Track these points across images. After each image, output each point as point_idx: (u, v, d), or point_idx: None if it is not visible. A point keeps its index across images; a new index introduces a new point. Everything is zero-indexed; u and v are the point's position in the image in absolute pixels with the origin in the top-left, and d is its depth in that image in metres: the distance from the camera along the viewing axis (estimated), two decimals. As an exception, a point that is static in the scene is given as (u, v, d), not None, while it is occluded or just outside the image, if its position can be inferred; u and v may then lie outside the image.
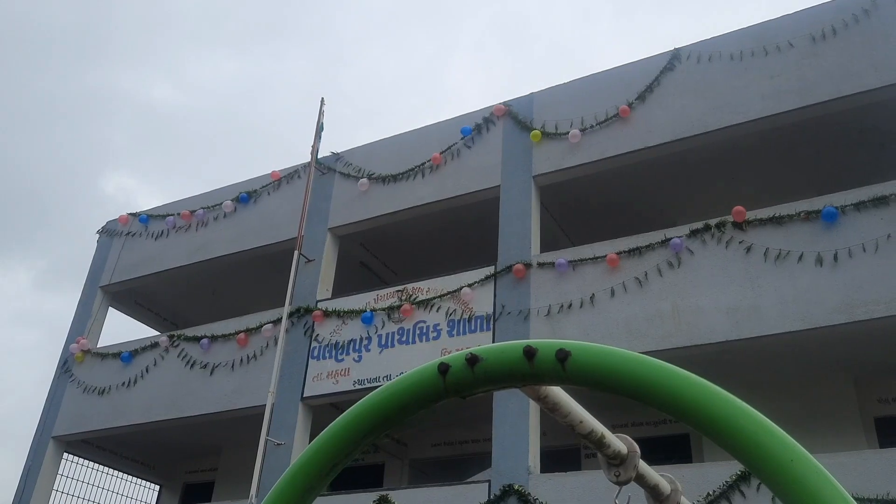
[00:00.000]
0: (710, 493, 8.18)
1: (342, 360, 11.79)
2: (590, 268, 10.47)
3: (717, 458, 9.62)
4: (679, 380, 1.46)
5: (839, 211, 9.10)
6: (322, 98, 14.10)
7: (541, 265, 10.83)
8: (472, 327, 10.89)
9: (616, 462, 2.15)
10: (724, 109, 10.47)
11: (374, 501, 10.53)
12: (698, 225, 9.90)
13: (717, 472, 8.52)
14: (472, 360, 1.72)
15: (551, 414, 1.97)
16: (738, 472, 8.29)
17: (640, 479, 2.33)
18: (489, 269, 11.25)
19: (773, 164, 11.44)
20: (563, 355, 1.62)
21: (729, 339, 9.08)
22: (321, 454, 1.86)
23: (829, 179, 10.97)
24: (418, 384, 1.78)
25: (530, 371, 1.66)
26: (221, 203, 14.50)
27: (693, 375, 1.49)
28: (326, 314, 12.24)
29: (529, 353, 1.67)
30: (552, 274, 10.69)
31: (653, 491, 2.46)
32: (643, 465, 2.27)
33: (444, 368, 1.74)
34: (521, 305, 10.64)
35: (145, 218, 15.55)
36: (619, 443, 2.13)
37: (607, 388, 1.57)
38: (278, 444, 11.32)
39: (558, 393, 1.92)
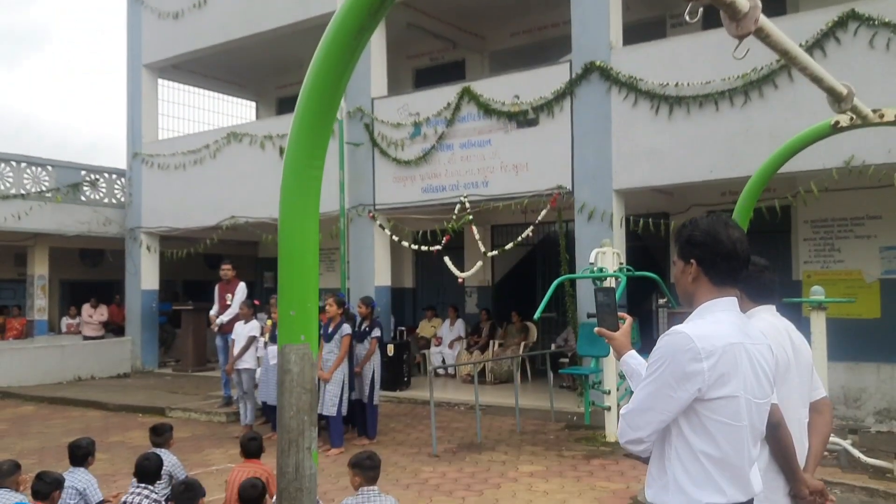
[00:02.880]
0: (804, 42, 7.74)
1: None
2: None
3: (812, 7, 8.98)
4: None
5: None
6: None
7: None
8: None
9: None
10: None
11: (457, 94, 10.74)
12: None
13: (812, 20, 7.99)
14: None
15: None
16: (835, 19, 7.75)
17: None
18: None
19: None
20: None
21: None
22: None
23: None
24: None
25: None
26: None
27: None
28: None
29: None
30: None
31: (728, 9, 2.26)
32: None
33: None
34: None
35: None
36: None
37: None
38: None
39: None
